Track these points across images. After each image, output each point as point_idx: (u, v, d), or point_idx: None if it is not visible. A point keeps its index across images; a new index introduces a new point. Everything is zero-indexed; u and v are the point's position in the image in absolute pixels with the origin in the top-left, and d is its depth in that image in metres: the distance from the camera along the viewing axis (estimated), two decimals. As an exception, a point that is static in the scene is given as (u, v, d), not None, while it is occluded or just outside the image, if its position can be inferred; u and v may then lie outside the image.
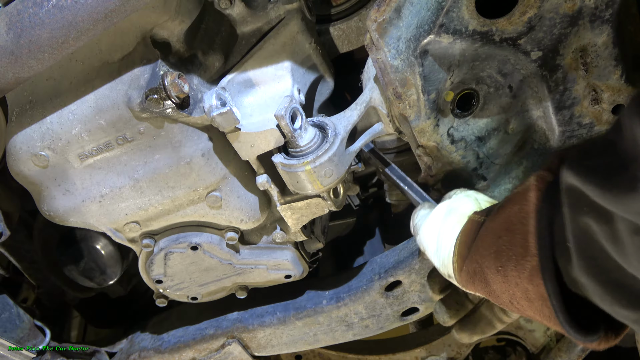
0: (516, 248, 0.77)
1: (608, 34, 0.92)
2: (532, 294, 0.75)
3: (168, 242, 1.26)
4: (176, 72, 0.97)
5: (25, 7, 0.88)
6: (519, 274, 0.76)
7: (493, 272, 0.82)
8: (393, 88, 0.95)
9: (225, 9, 1.09)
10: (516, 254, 0.76)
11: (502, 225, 0.81)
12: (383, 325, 1.43)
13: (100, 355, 1.65)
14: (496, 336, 1.78)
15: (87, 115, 1.03)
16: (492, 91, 1.03)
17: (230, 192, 1.14)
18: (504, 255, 0.79)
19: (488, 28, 0.93)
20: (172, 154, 1.06)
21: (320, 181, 1.01)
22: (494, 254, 0.81)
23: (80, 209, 1.15)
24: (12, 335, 1.49)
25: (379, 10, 0.89)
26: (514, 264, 0.77)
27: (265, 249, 1.32)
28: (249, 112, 1.08)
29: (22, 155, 1.08)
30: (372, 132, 1.09)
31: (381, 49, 0.91)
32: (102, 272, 1.52)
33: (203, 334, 1.52)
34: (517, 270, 0.76)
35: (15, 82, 0.96)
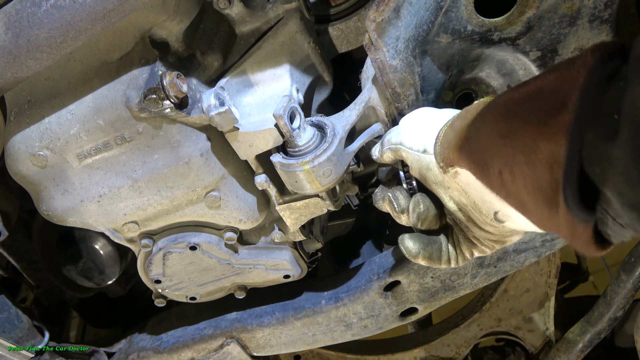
0: (541, 110, 0.63)
1: (607, 34, 0.92)
2: (542, 154, 0.63)
3: (167, 242, 1.26)
4: (175, 72, 0.96)
5: (23, 6, 0.87)
6: (535, 133, 0.63)
7: (495, 136, 0.70)
8: (392, 88, 0.95)
9: (224, 8, 1.08)
10: (540, 114, 0.63)
11: (527, 93, 0.67)
12: (382, 326, 1.43)
13: (99, 355, 1.65)
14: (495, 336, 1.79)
15: (86, 115, 1.03)
16: (491, 91, 1.03)
17: (229, 192, 1.14)
18: (519, 118, 0.66)
19: (487, 28, 0.93)
20: (171, 154, 1.06)
21: (319, 181, 1.01)
22: (504, 118, 0.69)
23: (79, 209, 1.15)
24: (11, 336, 1.49)
25: (378, 10, 0.89)
26: (532, 124, 0.64)
27: (264, 249, 1.32)
28: (248, 111, 1.08)
29: (21, 155, 1.08)
30: (370, 132, 1.09)
31: (380, 48, 0.91)
32: (100, 272, 1.52)
33: (202, 334, 1.52)
34: (534, 130, 0.63)
35: (14, 82, 0.96)
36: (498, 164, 0.70)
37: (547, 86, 0.65)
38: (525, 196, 0.68)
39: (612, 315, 1.50)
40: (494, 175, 0.72)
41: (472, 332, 1.73)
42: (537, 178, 0.64)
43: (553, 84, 0.64)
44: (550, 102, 0.63)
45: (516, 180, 0.67)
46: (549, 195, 0.63)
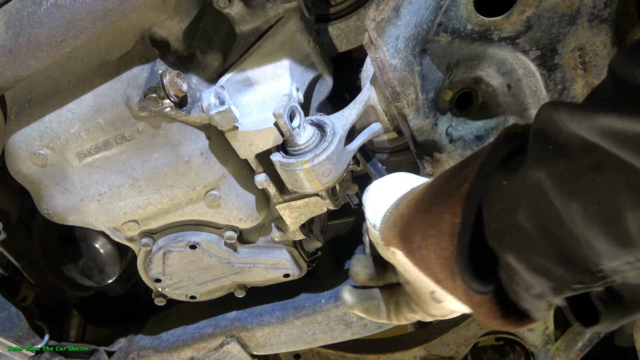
0: (451, 185, 0.68)
1: (607, 33, 0.92)
2: (445, 226, 0.66)
3: (167, 241, 1.26)
4: (175, 71, 0.97)
5: (24, 5, 0.88)
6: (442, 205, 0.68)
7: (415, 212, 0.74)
8: (392, 87, 0.95)
9: (224, 8, 1.09)
10: (448, 189, 0.68)
11: (448, 172, 0.73)
12: (382, 325, 1.43)
13: (99, 354, 1.65)
14: (495, 335, 1.79)
15: (86, 114, 1.03)
16: (490, 90, 1.03)
17: (229, 191, 1.14)
18: (434, 193, 0.72)
19: (486, 27, 0.93)
20: (171, 153, 1.06)
21: (319, 180, 1.01)
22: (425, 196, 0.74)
23: (79, 208, 1.15)
24: (11, 335, 1.49)
25: (378, 9, 0.89)
26: (442, 197, 0.69)
27: (263, 248, 1.32)
28: (248, 110, 1.08)
29: (21, 154, 1.08)
30: (370, 131, 1.09)
31: (380, 48, 0.91)
32: (101, 271, 1.52)
33: (202, 333, 1.52)
34: (442, 202, 0.68)
35: (14, 81, 0.96)
36: (417, 239, 0.73)
37: (461, 165, 0.70)
38: (436, 269, 0.70)
39: None
40: (415, 250, 0.74)
41: (472, 331, 1.73)
42: (442, 250, 0.67)
43: (465, 164, 0.69)
44: (458, 180, 0.67)
45: (430, 254, 0.70)
46: (449, 265, 0.65)
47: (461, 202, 0.64)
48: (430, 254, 0.70)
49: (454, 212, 0.65)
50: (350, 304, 0.97)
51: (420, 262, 0.75)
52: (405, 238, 0.77)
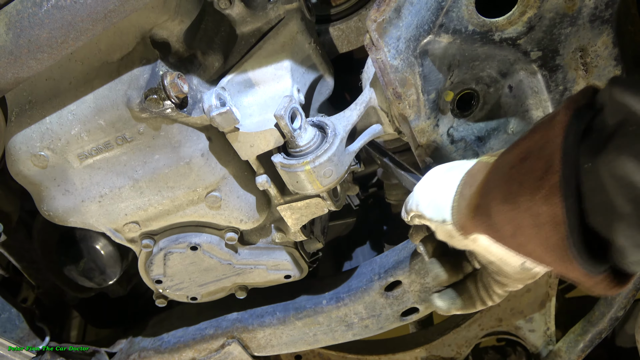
0: (533, 172, 0.69)
1: (608, 34, 0.92)
2: (543, 217, 0.67)
3: (167, 242, 1.26)
4: (175, 72, 0.97)
5: (24, 7, 0.88)
6: (533, 196, 0.68)
7: (499, 202, 0.74)
8: (393, 88, 0.95)
9: (224, 9, 1.08)
10: (533, 177, 0.68)
11: (518, 155, 0.73)
12: (383, 325, 1.43)
13: (100, 355, 1.65)
14: (496, 336, 1.78)
15: (87, 115, 1.03)
16: (492, 91, 1.03)
17: (230, 192, 1.14)
18: (516, 182, 0.71)
19: (488, 28, 0.93)
20: (172, 154, 1.06)
21: (320, 181, 1.01)
22: (504, 183, 0.74)
23: (80, 209, 1.15)
24: (11, 335, 1.49)
25: (379, 10, 0.89)
26: (528, 187, 0.69)
27: (264, 249, 1.32)
28: (249, 112, 1.08)
29: (22, 155, 1.08)
30: (371, 132, 1.09)
31: (381, 49, 0.91)
32: (101, 272, 1.52)
33: (203, 334, 1.52)
34: (530, 193, 0.68)
35: (15, 82, 0.96)
36: (509, 229, 0.75)
37: (534, 146, 0.70)
38: (541, 254, 0.72)
39: (613, 315, 1.50)
40: (508, 238, 0.77)
41: (473, 332, 1.73)
42: (546, 238, 0.68)
43: (539, 144, 0.70)
44: (539, 164, 0.68)
45: (530, 241, 0.72)
46: (561, 253, 0.67)
47: (557, 193, 0.65)
48: (530, 242, 0.72)
49: (551, 202, 0.66)
50: (446, 309, 1.00)
51: (518, 248, 0.77)
52: (490, 228, 0.79)
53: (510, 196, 0.72)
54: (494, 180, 0.77)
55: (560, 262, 0.69)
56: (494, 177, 0.78)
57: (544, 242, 0.69)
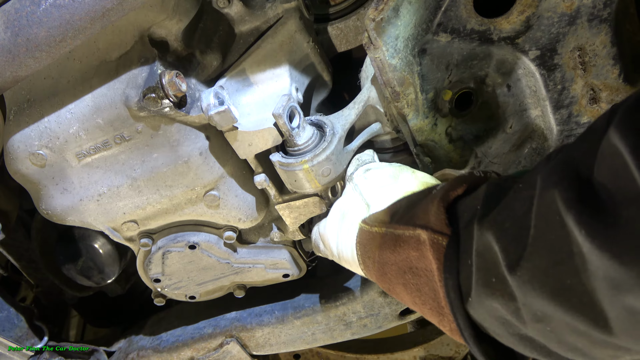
0: (428, 297, 0.76)
1: (606, 33, 0.92)
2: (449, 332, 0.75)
3: (166, 241, 1.26)
4: (174, 71, 0.96)
5: (22, 5, 0.87)
6: (440, 323, 0.76)
7: (409, 303, 0.82)
8: (391, 87, 0.95)
9: (223, 8, 1.08)
10: (430, 303, 0.76)
11: (404, 264, 0.79)
12: (381, 325, 1.43)
13: (98, 354, 1.65)
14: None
15: (85, 114, 1.03)
16: (490, 90, 1.03)
17: (228, 191, 1.14)
18: (416, 295, 0.78)
19: (486, 27, 0.93)
20: (170, 153, 1.06)
21: (318, 180, 1.01)
22: (403, 287, 0.81)
23: (78, 208, 1.15)
24: (10, 335, 1.49)
25: (377, 9, 0.89)
26: (431, 311, 0.76)
27: (263, 248, 1.32)
28: (247, 110, 1.08)
29: (20, 154, 1.08)
30: (370, 131, 1.09)
31: (379, 48, 0.91)
32: (100, 271, 1.52)
33: (201, 333, 1.52)
34: (436, 318, 0.76)
35: (13, 81, 0.96)
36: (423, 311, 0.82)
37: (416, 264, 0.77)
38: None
39: None
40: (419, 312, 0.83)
41: (472, 331, 1.73)
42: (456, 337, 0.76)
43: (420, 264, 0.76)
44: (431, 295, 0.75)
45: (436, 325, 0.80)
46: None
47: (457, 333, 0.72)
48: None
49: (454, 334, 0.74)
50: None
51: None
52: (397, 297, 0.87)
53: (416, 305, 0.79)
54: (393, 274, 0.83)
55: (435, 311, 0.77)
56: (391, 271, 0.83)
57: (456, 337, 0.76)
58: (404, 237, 0.79)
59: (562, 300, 0.53)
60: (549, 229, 0.53)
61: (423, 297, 0.77)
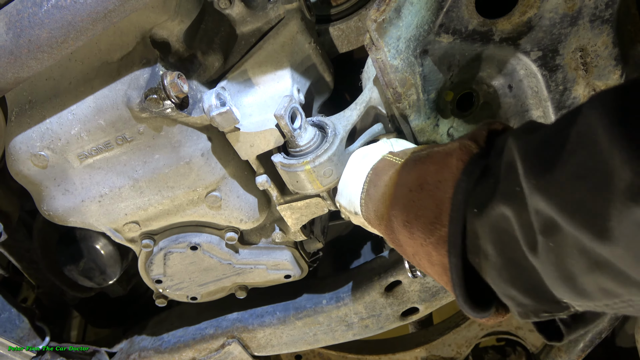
0: (427, 210, 0.75)
1: (608, 34, 0.91)
2: (434, 259, 0.75)
3: (167, 242, 1.26)
4: (175, 72, 0.96)
5: (24, 7, 0.88)
6: (426, 237, 0.75)
7: (400, 225, 0.81)
8: (393, 88, 0.95)
9: (224, 9, 1.08)
10: (426, 216, 0.75)
11: (416, 180, 0.80)
12: (383, 325, 1.43)
13: (100, 355, 1.65)
14: (496, 336, 1.78)
15: (87, 115, 1.03)
16: (491, 91, 1.03)
17: (230, 192, 1.14)
18: (412, 212, 0.78)
19: (488, 28, 0.93)
20: (172, 154, 1.06)
21: (320, 181, 1.01)
22: (403, 206, 0.81)
23: (80, 209, 1.15)
24: (12, 335, 1.49)
25: (379, 10, 0.89)
26: (422, 225, 0.76)
27: (264, 249, 1.32)
28: (249, 111, 1.08)
29: (22, 155, 1.08)
30: (371, 131, 1.09)
31: (381, 48, 0.91)
32: (101, 272, 1.52)
33: (203, 334, 1.52)
34: (424, 233, 0.76)
35: (15, 82, 0.96)
36: (409, 250, 0.82)
37: (430, 178, 0.77)
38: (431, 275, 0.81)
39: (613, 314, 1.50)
40: (409, 255, 0.84)
41: (473, 331, 1.73)
42: (438, 275, 0.77)
43: (434, 179, 0.76)
44: (431, 204, 0.75)
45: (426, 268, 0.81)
46: (452, 291, 0.74)
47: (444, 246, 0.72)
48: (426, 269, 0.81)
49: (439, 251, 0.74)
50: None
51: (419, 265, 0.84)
52: (395, 240, 0.86)
53: (408, 225, 0.79)
54: (395, 196, 0.83)
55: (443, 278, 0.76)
56: (395, 192, 0.84)
57: (438, 277, 0.77)
58: (431, 153, 0.81)
59: (574, 211, 0.53)
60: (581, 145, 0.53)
61: (421, 211, 0.76)
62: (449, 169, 0.74)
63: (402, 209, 0.81)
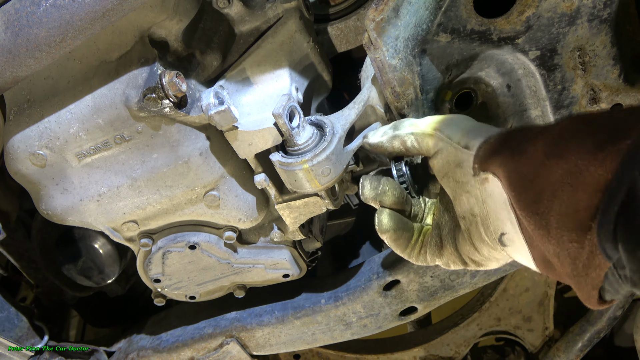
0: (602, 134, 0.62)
1: (606, 33, 0.92)
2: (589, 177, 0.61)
3: (166, 241, 1.26)
4: (174, 71, 0.96)
5: (22, 5, 0.87)
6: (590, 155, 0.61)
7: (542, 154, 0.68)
8: (391, 87, 0.95)
9: (223, 8, 1.08)
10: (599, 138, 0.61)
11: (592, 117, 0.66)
12: (381, 325, 1.43)
13: (98, 354, 1.65)
14: (495, 335, 1.79)
15: (85, 114, 1.03)
16: (490, 90, 1.03)
17: (228, 191, 1.14)
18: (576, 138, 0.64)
19: (486, 27, 0.93)
20: (170, 153, 1.06)
21: (318, 180, 1.01)
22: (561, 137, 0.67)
23: (79, 208, 1.15)
24: (10, 335, 1.49)
25: (377, 10, 0.89)
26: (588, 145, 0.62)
27: (263, 248, 1.32)
28: (247, 110, 1.08)
29: (20, 154, 1.08)
30: (370, 131, 1.09)
31: (379, 48, 0.91)
32: (100, 271, 1.52)
33: (201, 333, 1.52)
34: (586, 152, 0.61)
35: (13, 81, 0.96)
36: (541, 183, 0.68)
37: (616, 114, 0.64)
38: (553, 218, 0.66)
39: (612, 314, 1.50)
40: (531, 191, 0.69)
41: (472, 331, 1.73)
42: (577, 200, 0.62)
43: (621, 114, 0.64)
44: (609, 129, 0.61)
45: (555, 199, 0.65)
46: (582, 220, 0.61)
47: (617, 159, 0.58)
48: (556, 200, 0.65)
49: (606, 166, 0.59)
50: (384, 228, 0.93)
51: (531, 205, 0.69)
52: (521, 175, 0.71)
53: (562, 150, 0.65)
54: (552, 135, 0.69)
55: (569, 229, 0.63)
56: (552, 133, 0.69)
57: (572, 203, 0.62)
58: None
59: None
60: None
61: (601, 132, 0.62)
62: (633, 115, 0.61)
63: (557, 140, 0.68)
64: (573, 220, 0.62)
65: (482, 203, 0.79)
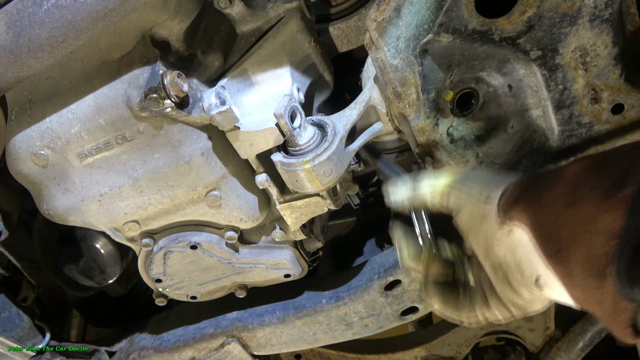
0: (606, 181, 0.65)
1: (607, 33, 0.92)
2: (601, 226, 0.64)
3: (167, 241, 1.26)
4: (175, 72, 0.97)
5: (24, 6, 0.88)
6: (598, 203, 0.64)
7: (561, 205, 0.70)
8: (392, 87, 0.95)
9: (224, 8, 1.09)
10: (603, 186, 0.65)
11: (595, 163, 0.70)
12: (382, 325, 1.43)
13: (100, 354, 1.65)
14: (496, 335, 1.79)
15: (87, 114, 1.03)
16: (491, 90, 1.03)
17: (230, 192, 1.14)
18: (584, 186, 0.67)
19: (487, 27, 0.93)
20: (172, 153, 1.06)
21: (320, 180, 1.01)
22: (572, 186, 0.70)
23: (80, 208, 1.15)
24: (12, 335, 1.49)
25: (379, 10, 0.89)
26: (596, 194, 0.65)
27: (264, 248, 1.32)
28: (249, 110, 1.08)
29: (22, 154, 1.08)
30: (371, 131, 1.09)
31: (381, 48, 0.91)
32: (101, 271, 1.52)
33: (203, 333, 1.52)
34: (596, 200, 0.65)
35: (15, 81, 0.96)
36: (560, 232, 0.70)
37: (615, 153, 0.69)
38: (575, 266, 0.68)
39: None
40: (552, 241, 0.72)
41: (473, 331, 1.73)
42: (592, 249, 0.65)
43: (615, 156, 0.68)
44: (614, 174, 0.65)
45: (574, 250, 0.68)
46: (600, 267, 0.63)
47: (624, 206, 0.61)
48: (576, 248, 0.68)
49: (614, 214, 0.62)
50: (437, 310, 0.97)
51: (555, 253, 0.72)
52: (542, 226, 0.74)
53: (575, 202, 0.68)
54: (562, 184, 0.73)
55: (592, 279, 0.66)
56: (562, 180, 0.73)
57: (588, 252, 0.66)
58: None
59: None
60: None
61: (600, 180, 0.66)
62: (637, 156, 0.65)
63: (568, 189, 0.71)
64: (592, 268, 0.65)
65: (513, 251, 0.81)
